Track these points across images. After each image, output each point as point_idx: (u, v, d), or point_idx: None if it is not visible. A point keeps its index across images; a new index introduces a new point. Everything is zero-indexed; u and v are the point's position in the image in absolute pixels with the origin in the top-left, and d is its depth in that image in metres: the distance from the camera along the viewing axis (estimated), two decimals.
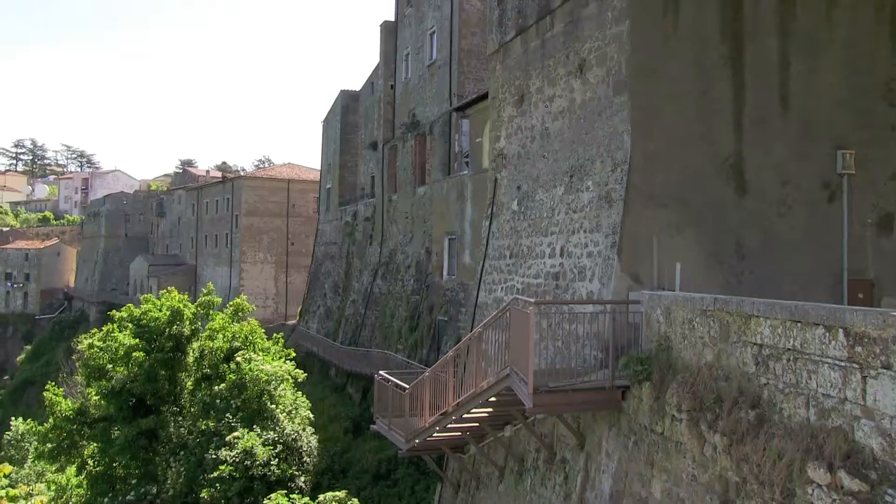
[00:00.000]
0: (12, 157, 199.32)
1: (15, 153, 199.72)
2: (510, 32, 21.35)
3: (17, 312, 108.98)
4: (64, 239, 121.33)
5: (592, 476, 13.66)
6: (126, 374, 30.22)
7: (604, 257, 15.50)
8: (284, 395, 28.76)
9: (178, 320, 31.72)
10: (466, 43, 38.23)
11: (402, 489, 28.14)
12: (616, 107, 15.83)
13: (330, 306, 54.56)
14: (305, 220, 74.14)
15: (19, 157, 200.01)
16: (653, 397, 11.78)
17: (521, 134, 20.54)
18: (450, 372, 17.02)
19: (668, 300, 12.20)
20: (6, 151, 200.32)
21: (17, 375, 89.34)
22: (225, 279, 75.17)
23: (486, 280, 21.80)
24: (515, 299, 13.89)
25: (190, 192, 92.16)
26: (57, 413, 31.08)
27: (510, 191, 21.02)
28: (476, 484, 19.62)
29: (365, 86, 55.16)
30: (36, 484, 34.15)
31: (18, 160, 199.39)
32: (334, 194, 58.56)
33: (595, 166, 16.49)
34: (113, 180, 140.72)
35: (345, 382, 43.82)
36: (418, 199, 40.43)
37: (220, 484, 24.63)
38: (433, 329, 34.91)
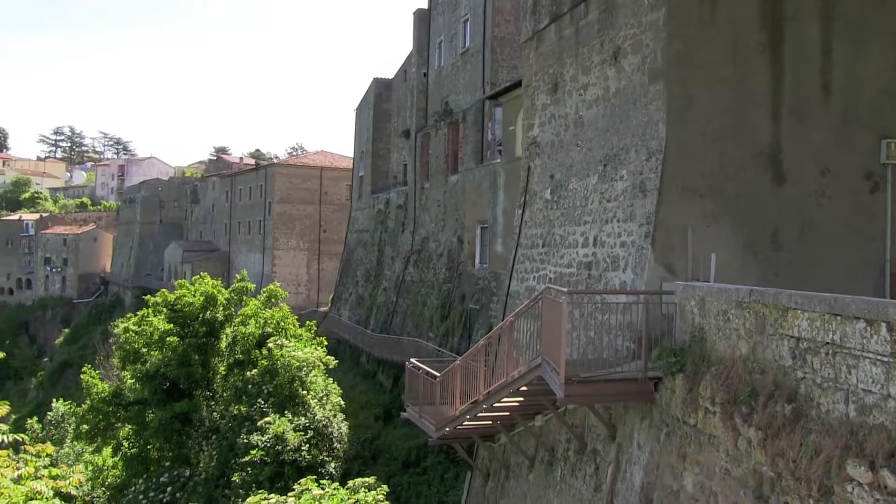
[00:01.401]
0: (51, 144, 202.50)
1: (54, 140, 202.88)
2: (544, 20, 21.14)
3: (56, 296, 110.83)
4: (100, 224, 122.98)
5: (623, 467, 13.55)
6: (160, 359, 30.62)
7: (637, 247, 15.33)
8: (316, 381, 28.93)
9: (212, 306, 32.04)
10: (500, 31, 37.98)
11: (432, 477, 28.21)
12: (651, 95, 15.61)
13: (362, 294, 54.73)
14: (338, 208, 74.40)
15: (58, 144, 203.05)
16: (686, 389, 11.64)
17: (554, 122, 20.36)
18: (481, 361, 16.98)
19: (703, 291, 12.03)
20: (46, 139, 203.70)
21: (55, 358, 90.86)
22: (257, 266, 75.72)
23: (518, 269, 21.69)
24: (548, 288, 13.79)
25: (224, 178, 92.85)
26: (94, 395, 31.62)
27: (543, 179, 20.86)
28: (506, 473, 19.59)
29: (398, 74, 55.08)
30: (75, 465, 34.80)
31: (57, 147, 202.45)
32: (367, 182, 58.64)
33: (629, 155, 16.30)
34: (148, 167, 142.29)
35: (376, 370, 43.97)
36: (451, 188, 40.34)
37: (251, 468, 24.87)
38: (464, 317, 34.87)
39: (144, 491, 28.58)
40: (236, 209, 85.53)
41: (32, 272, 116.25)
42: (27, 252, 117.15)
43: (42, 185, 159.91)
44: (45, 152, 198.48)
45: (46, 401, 59.88)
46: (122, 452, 32.08)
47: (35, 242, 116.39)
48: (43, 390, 79.95)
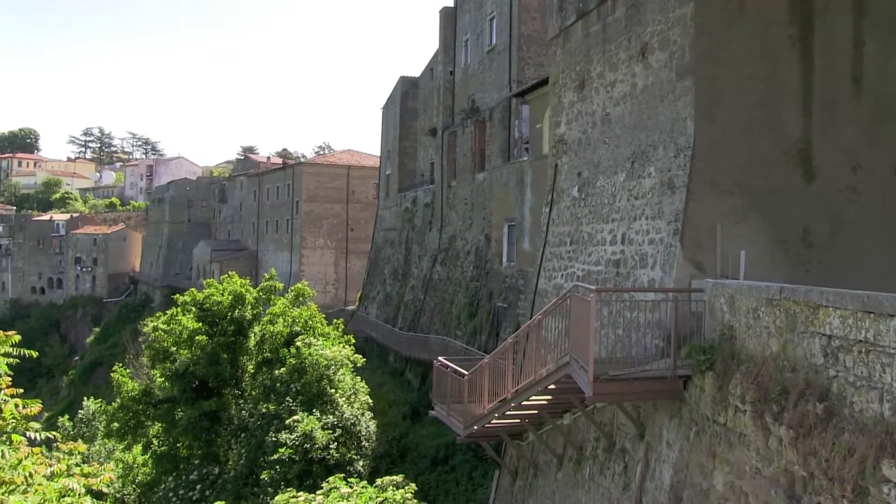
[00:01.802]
0: (81, 145, 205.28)
1: (84, 141, 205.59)
2: (570, 17, 21.06)
3: (86, 295, 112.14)
4: (130, 224, 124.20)
5: (652, 466, 13.47)
6: (189, 357, 30.88)
7: (666, 244, 15.23)
8: (343, 379, 29.02)
9: (240, 305, 32.25)
10: (526, 28, 37.89)
11: (460, 475, 28.19)
12: (679, 91, 15.50)
13: (389, 292, 54.84)
14: (365, 206, 74.59)
15: (88, 145, 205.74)
16: (715, 387, 11.54)
17: (581, 120, 20.27)
18: (509, 359, 16.96)
19: (733, 289, 11.92)
20: (76, 140, 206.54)
21: (86, 356, 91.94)
22: (285, 264, 76.13)
23: (546, 267, 21.62)
24: (576, 286, 13.74)
25: (251, 178, 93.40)
26: (124, 394, 31.94)
27: (570, 177, 20.79)
28: (534, 471, 19.55)
29: (424, 72, 55.10)
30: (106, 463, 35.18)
31: (87, 148, 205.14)
32: (394, 180, 58.73)
33: (657, 152, 16.19)
34: (176, 167, 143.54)
35: (403, 368, 44.05)
36: (478, 186, 40.31)
37: (279, 466, 25.01)
38: (492, 316, 34.83)
39: (174, 489, 28.84)
40: (264, 208, 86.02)
41: (63, 272, 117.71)
42: (58, 252, 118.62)
43: (72, 186, 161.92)
44: (75, 153, 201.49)
45: (78, 399, 60.64)
46: (152, 450, 32.40)
47: (66, 242, 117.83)
48: (74, 388, 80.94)
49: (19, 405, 9.35)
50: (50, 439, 10.06)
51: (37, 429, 9.63)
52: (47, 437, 9.86)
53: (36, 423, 9.92)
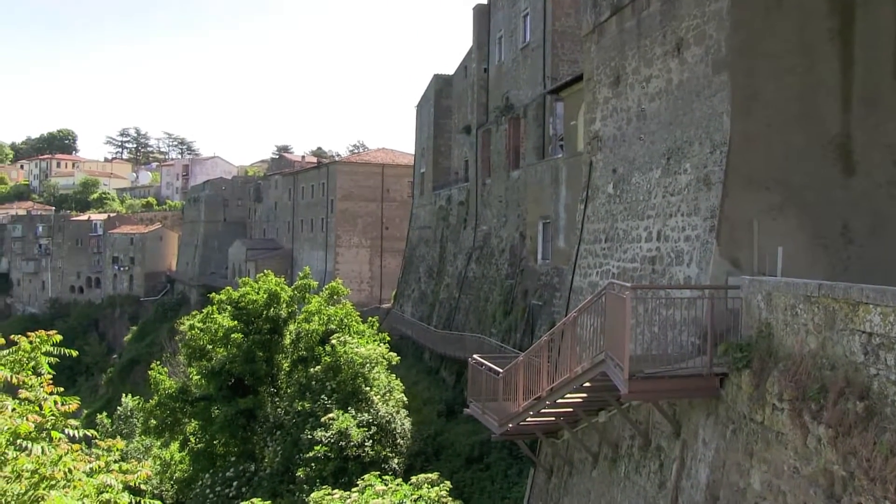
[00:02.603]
0: (118, 145, 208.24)
1: (120, 142, 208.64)
2: (605, 13, 20.91)
3: (124, 294, 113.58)
4: (166, 224, 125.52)
5: (688, 464, 13.34)
6: (225, 355, 31.15)
7: (702, 241, 15.08)
8: (378, 377, 29.10)
9: (275, 303, 32.46)
10: (560, 24, 37.71)
11: (495, 473, 28.16)
12: (715, 86, 15.33)
13: (424, 290, 54.92)
14: (400, 205, 74.70)
15: (124, 145, 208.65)
16: (752, 385, 11.40)
17: (616, 116, 20.14)
18: (544, 357, 16.89)
19: (770, 286, 11.77)
20: (113, 140, 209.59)
21: (124, 354, 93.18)
22: (320, 263, 76.52)
23: (581, 264, 21.51)
24: (611, 284, 13.65)
25: (286, 177, 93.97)
26: (161, 391, 32.32)
27: (606, 174, 20.66)
28: (569, 469, 19.46)
29: (458, 70, 55.07)
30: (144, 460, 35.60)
31: (124, 148, 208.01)
32: (428, 178, 58.78)
33: (693, 148, 16.03)
34: (212, 166, 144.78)
35: (438, 366, 44.09)
36: (512, 183, 40.21)
37: (315, 464, 25.16)
38: (527, 313, 34.73)
39: (211, 485, 29.13)
40: (299, 207, 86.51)
41: (101, 271, 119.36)
42: (96, 252, 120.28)
43: (109, 186, 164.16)
44: (112, 154, 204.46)
45: (116, 396, 61.47)
46: (188, 447, 32.76)
47: (103, 242, 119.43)
48: (112, 386, 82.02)
49: (58, 402, 9.47)
50: (88, 436, 10.17)
51: (76, 426, 9.75)
52: (86, 434, 9.97)
53: (75, 420, 10.04)
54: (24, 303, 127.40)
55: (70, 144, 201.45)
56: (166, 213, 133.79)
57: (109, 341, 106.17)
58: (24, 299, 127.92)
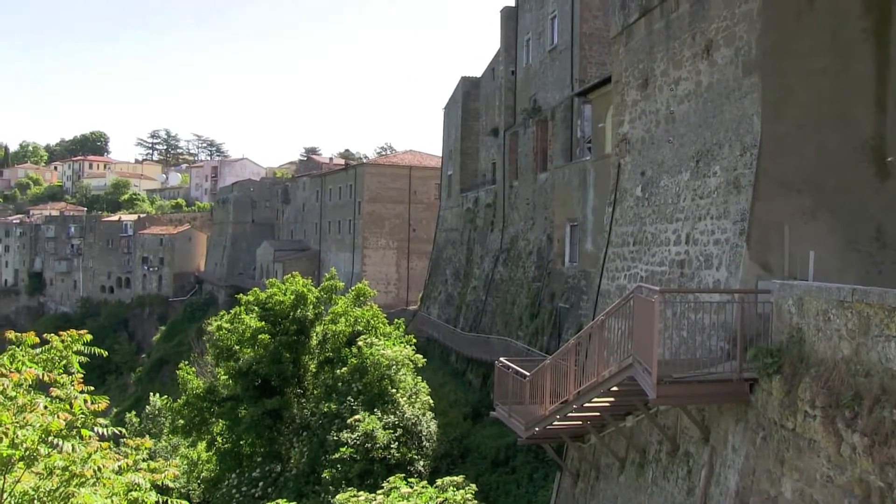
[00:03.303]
0: (148, 147, 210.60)
1: (151, 143, 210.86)
2: (633, 14, 20.78)
3: (153, 294, 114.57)
4: (195, 225, 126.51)
5: (717, 471, 13.18)
6: (252, 356, 31.30)
7: (731, 245, 14.91)
8: (405, 379, 29.11)
9: (302, 304, 32.58)
10: (588, 27, 37.55)
11: (521, 476, 28.05)
12: (745, 88, 15.16)
13: (451, 292, 54.90)
14: (427, 207, 74.74)
15: (155, 147, 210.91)
16: (783, 391, 11.23)
17: (645, 118, 19.99)
18: (571, 360, 16.80)
19: (801, 290, 11.59)
20: (143, 142, 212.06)
21: (152, 354, 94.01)
22: (347, 264, 76.71)
23: (609, 267, 21.37)
24: (639, 287, 13.53)
25: (314, 179, 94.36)
26: (189, 391, 32.56)
27: (634, 176, 20.51)
28: (596, 474, 19.33)
29: (485, 72, 55.03)
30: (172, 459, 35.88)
31: (154, 150, 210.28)
32: (455, 181, 58.78)
33: (723, 151, 15.87)
34: (240, 168, 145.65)
35: (465, 368, 44.03)
36: (540, 186, 40.09)
37: (341, 465, 25.20)
38: (554, 316, 34.59)
39: (237, 485, 29.29)
40: (326, 209, 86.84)
41: (131, 271, 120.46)
42: (126, 252, 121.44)
43: (140, 187, 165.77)
44: (142, 155, 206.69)
45: (145, 395, 62.02)
46: (215, 447, 32.96)
47: (133, 242, 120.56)
48: (141, 385, 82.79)
49: (88, 401, 9.54)
50: (117, 435, 10.24)
51: (105, 424, 9.81)
52: (115, 432, 10.04)
53: (104, 419, 10.10)
54: (56, 302, 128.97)
55: (102, 146, 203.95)
56: (195, 215, 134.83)
57: (139, 341, 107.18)
58: (56, 298, 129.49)
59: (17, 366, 9.57)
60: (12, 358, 9.78)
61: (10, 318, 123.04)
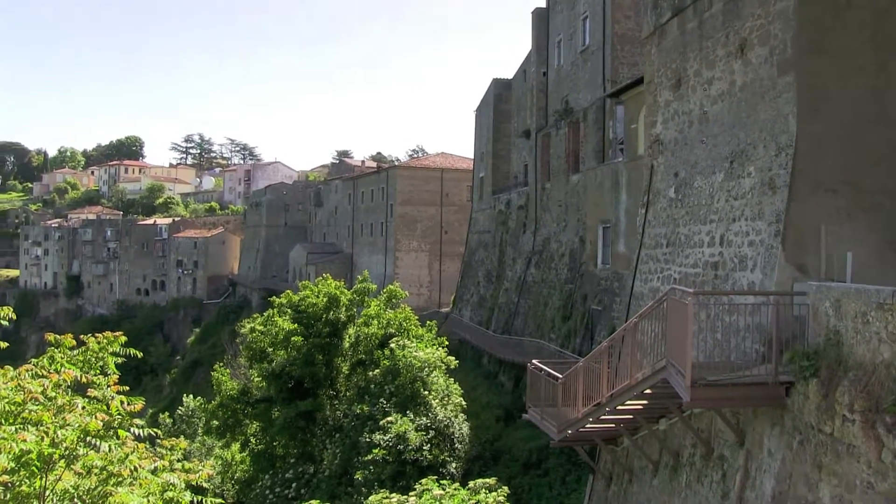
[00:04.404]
0: (183, 151, 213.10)
1: (185, 148, 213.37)
2: (666, 14, 20.62)
3: (187, 297, 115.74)
4: (228, 228, 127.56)
5: (753, 475, 13.02)
6: (285, 358, 31.50)
7: (766, 246, 14.73)
8: (437, 381, 29.11)
9: (335, 306, 32.72)
10: (620, 27, 37.36)
11: (553, 479, 27.93)
12: (780, 88, 14.97)
13: (483, 294, 54.84)
14: (459, 209, 74.69)
15: (189, 151, 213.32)
16: (821, 395, 11.07)
17: (678, 119, 19.83)
18: (604, 362, 16.69)
19: (839, 292, 11.42)
20: (177, 146, 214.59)
21: (187, 356, 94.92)
22: (380, 267, 76.89)
23: (642, 269, 21.22)
24: (673, 289, 13.42)
25: (346, 181, 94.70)
26: (223, 392, 32.86)
27: (667, 178, 20.35)
28: (629, 477, 19.19)
29: (517, 74, 54.92)
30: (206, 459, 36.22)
31: (188, 154, 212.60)
32: (487, 183, 58.70)
33: (757, 151, 15.69)
34: (273, 171, 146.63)
35: (497, 370, 43.95)
36: (572, 187, 39.92)
37: (373, 467, 25.26)
38: (587, 318, 34.43)
39: (271, 486, 29.50)
40: (359, 211, 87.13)
41: (166, 274, 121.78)
42: (161, 255, 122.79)
43: (174, 191, 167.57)
44: (177, 159, 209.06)
45: (179, 396, 62.66)
46: (249, 448, 33.21)
47: (168, 246, 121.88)
48: (176, 386, 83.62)
49: (125, 402, 9.66)
50: (152, 435, 10.37)
51: (141, 425, 9.93)
52: (150, 433, 10.16)
53: (140, 420, 10.23)
54: (93, 304, 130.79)
55: (137, 151, 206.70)
56: (229, 218, 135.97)
57: (173, 342, 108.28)
58: (93, 301, 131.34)
59: (57, 367, 9.74)
60: (51, 359, 9.95)
61: (49, 320, 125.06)
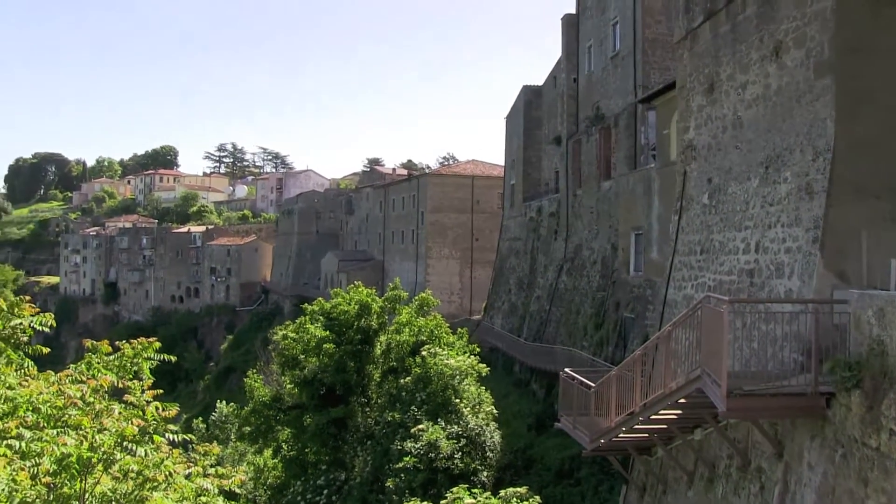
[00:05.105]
0: (216, 160, 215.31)
1: (218, 157, 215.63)
2: (698, 18, 20.42)
3: (221, 304, 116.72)
4: (261, 236, 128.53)
5: (792, 489, 12.75)
6: (317, 365, 31.59)
7: (804, 253, 14.47)
8: (468, 389, 29.00)
9: (366, 314, 32.76)
10: (650, 32, 37.10)
11: (585, 489, 27.67)
12: (817, 91, 14.71)
13: (514, 302, 54.66)
14: (490, 216, 74.52)
15: (222, 160, 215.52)
16: (864, 407, 10.79)
17: (711, 124, 19.61)
18: (637, 371, 16.51)
19: (882, 300, 11.14)
20: (211, 155, 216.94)
21: (220, 362, 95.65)
22: (411, 274, 76.94)
23: (676, 277, 20.99)
24: (707, 297, 13.22)
25: (377, 189, 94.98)
26: (256, 399, 33.03)
27: (700, 184, 20.12)
28: (663, 488, 18.95)
29: (547, 80, 54.76)
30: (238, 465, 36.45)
31: (221, 163, 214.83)
32: (518, 190, 58.55)
33: (794, 156, 15.44)
34: (305, 180, 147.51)
35: (529, 379, 43.74)
36: (603, 194, 39.69)
37: (404, 474, 25.20)
38: (619, 326, 34.16)
39: (302, 492, 29.56)
40: (390, 219, 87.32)
41: (200, 281, 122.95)
42: (195, 262, 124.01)
43: (208, 199, 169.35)
44: (210, 168, 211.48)
45: (213, 402, 63.16)
46: (281, 454, 33.34)
47: (202, 253, 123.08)
48: (209, 392, 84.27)
49: (159, 407, 9.74)
50: (186, 441, 10.44)
51: (175, 431, 10.00)
52: (184, 438, 10.23)
53: (174, 426, 10.29)
54: (129, 310, 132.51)
55: (172, 160, 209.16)
56: (261, 226, 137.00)
57: (207, 349, 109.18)
58: (130, 307, 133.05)
59: (94, 372, 9.87)
60: (89, 365, 10.08)
61: (88, 326, 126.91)
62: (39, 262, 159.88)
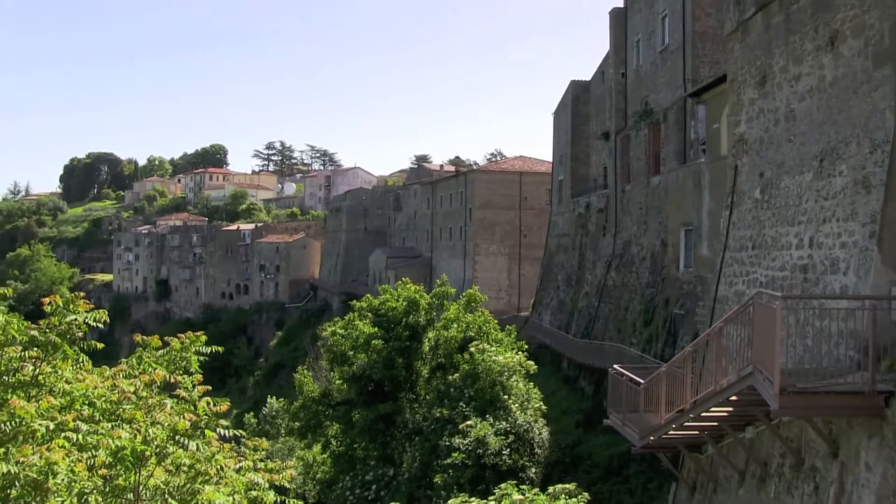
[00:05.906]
0: (265, 158, 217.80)
1: (267, 155, 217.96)
2: (749, 9, 20.07)
3: (270, 301, 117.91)
4: (309, 233, 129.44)
5: (849, 489, 12.48)
6: (366, 361, 31.78)
7: (860, 248, 14.16)
8: (516, 385, 28.94)
9: (414, 310, 32.87)
10: (700, 25, 36.67)
11: (634, 486, 27.46)
12: (876, 81, 14.36)
13: (563, 298, 54.41)
14: (537, 212, 74.16)
15: (270, 158, 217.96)
16: None
17: (763, 117, 19.28)
18: (687, 368, 16.32)
19: None
20: (259, 154, 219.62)
21: (270, 358, 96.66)
22: (458, 271, 76.90)
23: (726, 273, 20.70)
24: (759, 293, 13.01)
25: (425, 186, 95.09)
26: (305, 394, 33.37)
27: (752, 178, 19.80)
28: (713, 486, 18.71)
29: (595, 75, 54.36)
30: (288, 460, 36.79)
31: (270, 161, 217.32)
32: (566, 186, 58.22)
33: (850, 149, 15.10)
34: (352, 177, 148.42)
35: (577, 375, 43.52)
36: (652, 190, 39.29)
37: (452, 470, 25.26)
38: (669, 323, 33.81)
39: (351, 487, 29.79)
40: (437, 216, 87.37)
41: (249, 278, 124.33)
42: (244, 260, 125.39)
43: (256, 197, 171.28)
44: (258, 166, 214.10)
45: (262, 398, 63.84)
46: (330, 450, 33.63)
47: (251, 251, 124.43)
48: (259, 388, 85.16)
49: (210, 402, 9.86)
50: (237, 436, 10.56)
51: (226, 426, 10.12)
52: (234, 434, 10.35)
53: (225, 420, 10.42)
54: (181, 308, 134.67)
55: (221, 158, 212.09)
56: (309, 223, 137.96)
57: (257, 345, 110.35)
58: (181, 304, 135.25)
59: (145, 367, 10.05)
60: (139, 360, 10.27)
61: (140, 323, 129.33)
62: (94, 259, 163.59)
